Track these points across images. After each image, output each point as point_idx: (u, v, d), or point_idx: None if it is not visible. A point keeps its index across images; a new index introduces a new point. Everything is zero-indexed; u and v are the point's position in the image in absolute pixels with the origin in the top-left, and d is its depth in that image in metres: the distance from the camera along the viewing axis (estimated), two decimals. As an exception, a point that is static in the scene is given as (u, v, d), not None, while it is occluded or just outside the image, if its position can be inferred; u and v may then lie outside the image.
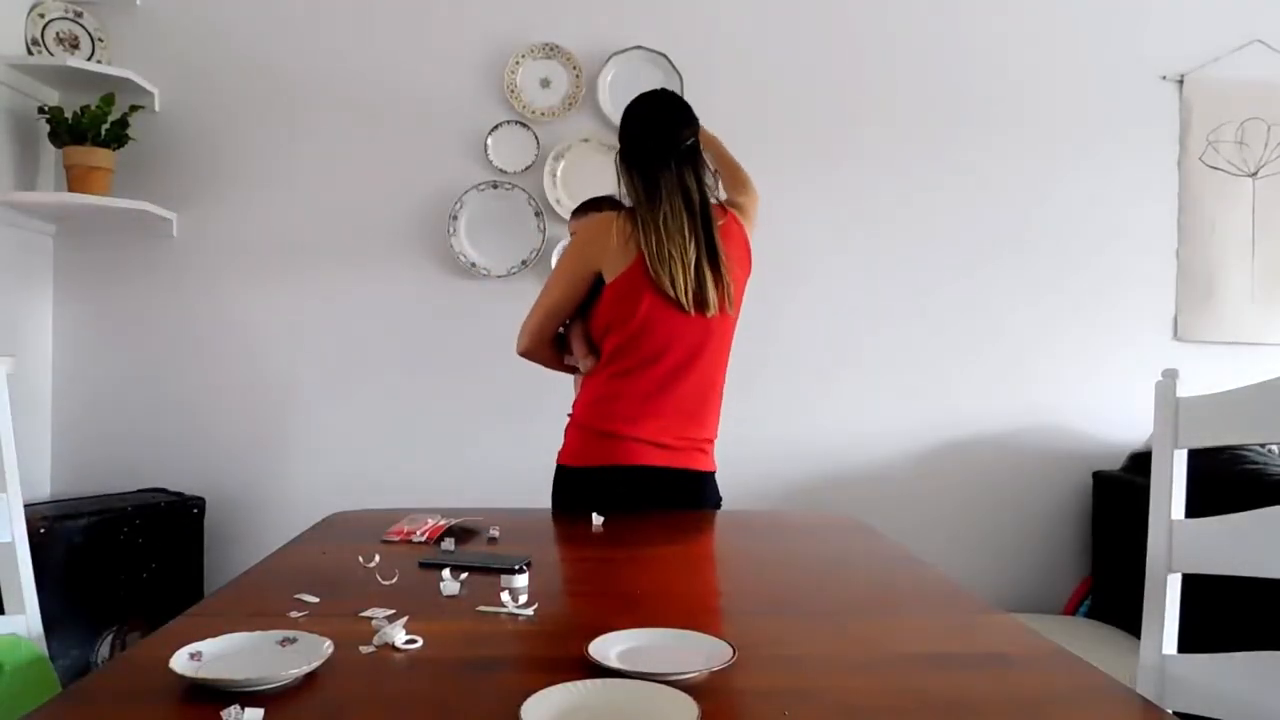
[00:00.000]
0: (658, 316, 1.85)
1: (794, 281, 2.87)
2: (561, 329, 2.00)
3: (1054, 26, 2.91)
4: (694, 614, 1.14)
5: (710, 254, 1.86)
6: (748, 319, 2.85)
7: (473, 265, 2.80)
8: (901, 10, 2.88)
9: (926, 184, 2.89)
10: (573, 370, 2.05)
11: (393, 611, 1.12)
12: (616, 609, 1.23)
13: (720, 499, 2.02)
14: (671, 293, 1.82)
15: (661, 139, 1.90)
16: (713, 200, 1.94)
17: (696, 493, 1.96)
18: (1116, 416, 2.87)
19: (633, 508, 1.85)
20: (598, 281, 1.89)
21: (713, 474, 2.00)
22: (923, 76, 2.89)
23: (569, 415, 2.00)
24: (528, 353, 2.00)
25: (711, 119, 2.82)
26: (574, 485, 1.93)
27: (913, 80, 2.89)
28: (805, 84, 2.86)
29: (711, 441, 2.00)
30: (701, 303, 1.85)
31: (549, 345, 2.00)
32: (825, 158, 2.87)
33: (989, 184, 2.90)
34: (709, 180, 1.96)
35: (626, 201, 1.95)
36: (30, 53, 2.61)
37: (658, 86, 2.10)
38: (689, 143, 1.91)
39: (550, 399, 2.84)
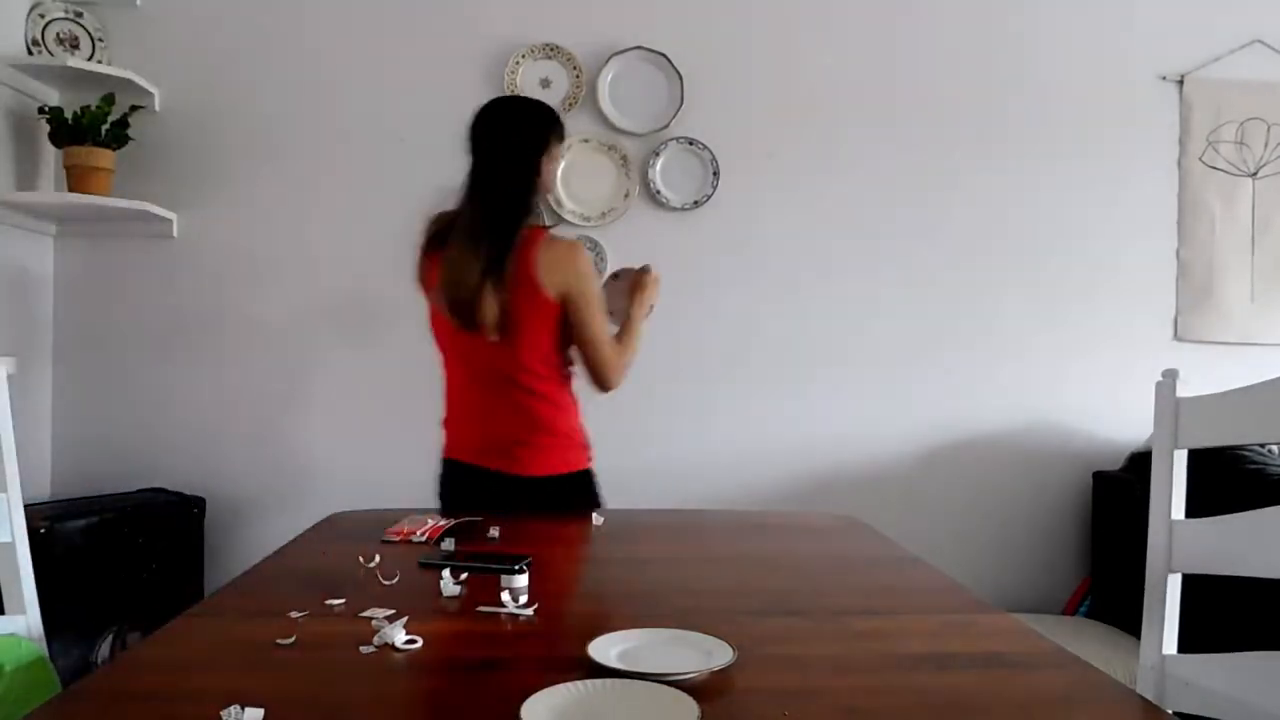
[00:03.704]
0: (455, 340, 1.89)
1: (794, 282, 2.87)
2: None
3: (1054, 27, 2.91)
4: (694, 614, 1.14)
5: (481, 276, 1.78)
6: (748, 321, 2.88)
7: (473, 265, 2.79)
8: (900, 11, 2.88)
9: (926, 184, 2.89)
10: None
11: (393, 611, 1.12)
12: (616, 609, 1.23)
13: (597, 498, 1.96)
14: (452, 318, 1.82)
15: (475, 160, 1.87)
16: (538, 223, 1.90)
17: (508, 496, 1.86)
18: (1116, 416, 2.87)
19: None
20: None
21: (547, 478, 1.89)
22: (922, 77, 2.89)
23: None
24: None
25: (711, 119, 2.84)
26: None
27: (912, 81, 2.89)
28: (804, 84, 2.86)
29: (529, 445, 1.88)
30: (483, 329, 1.80)
31: None
32: (824, 158, 2.87)
33: (989, 184, 2.90)
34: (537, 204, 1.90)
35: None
36: (30, 53, 2.61)
37: (658, 85, 2.07)
38: (490, 160, 1.84)
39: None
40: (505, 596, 1.19)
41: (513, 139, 1.85)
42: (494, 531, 1.64)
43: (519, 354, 1.85)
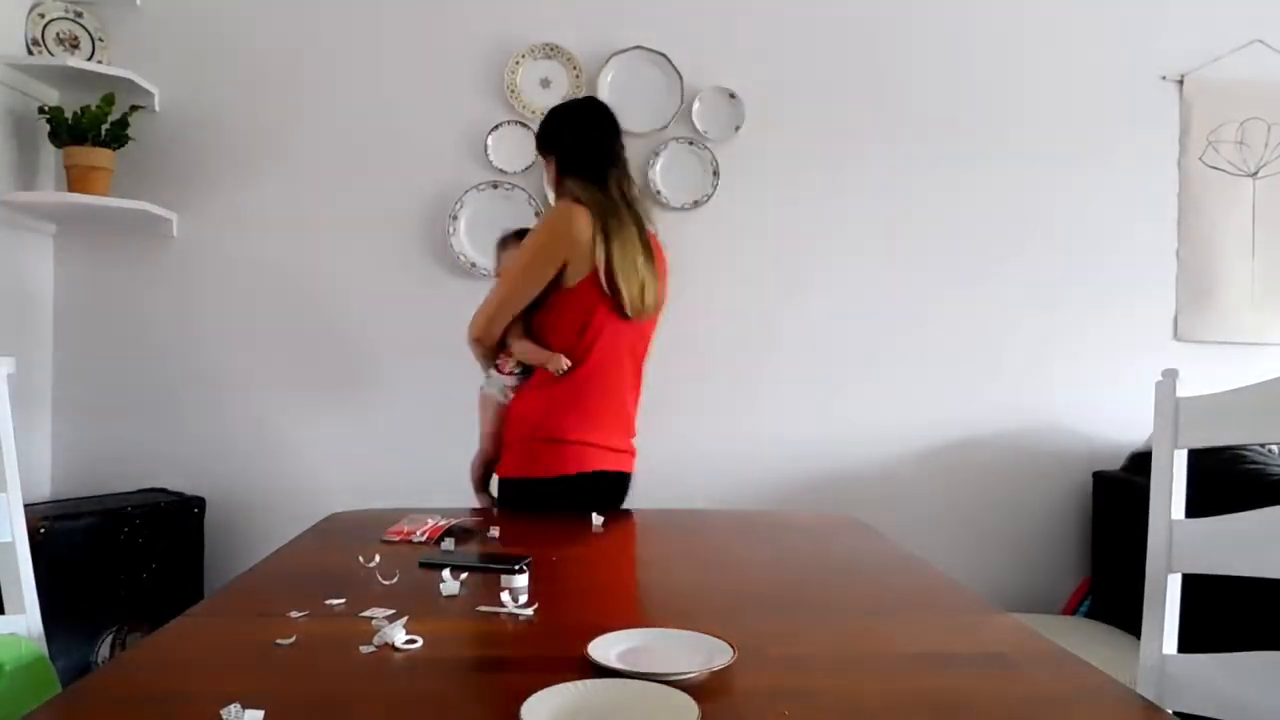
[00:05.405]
0: (608, 326, 1.91)
1: (794, 283, 2.87)
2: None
3: (1054, 27, 2.91)
4: (694, 614, 1.14)
5: (650, 262, 1.95)
6: (748, 321, 2.88)
7: (473, 265, 2.80)
8: (902, 12, 2.88)
9: (927, 185, 2.89)
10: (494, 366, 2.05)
11: (393, 611, 1.12)
12: (616, 609, 1.23)
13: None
14: (629, 302, 1.88)
15: (603, 151, 1.97)
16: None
17: (624, 495, 2.05)
18: (1116, 416, 2.87)
19: (577, 514, 1.82)
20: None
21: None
22: (924, 78, 2.89)
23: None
24: (480, 340, 1.99)
25: (711, 119, 2.84)
26: (525, 497, 1.93)
27: (914, 82, 2.88)
28: (806, 86, 2.86)
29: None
30: (645, 310, 1.94)
31: (498, 336, 1.99)
32: (826, 159, 2.87)
33: (989, 185, 2.90)
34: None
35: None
36: (30, 53, 2.61)
37: (658, 85, 2.12)
38: (623, 154, 1.99)
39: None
40: (505, 596, 1.19)
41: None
42: (494, 531, 1.64)
43: None
